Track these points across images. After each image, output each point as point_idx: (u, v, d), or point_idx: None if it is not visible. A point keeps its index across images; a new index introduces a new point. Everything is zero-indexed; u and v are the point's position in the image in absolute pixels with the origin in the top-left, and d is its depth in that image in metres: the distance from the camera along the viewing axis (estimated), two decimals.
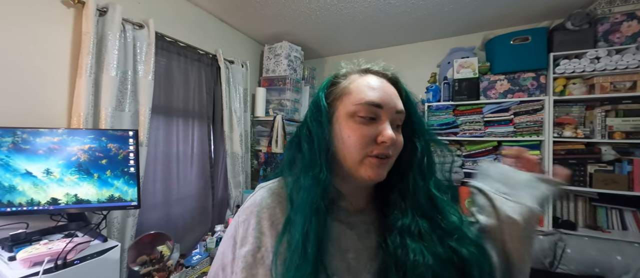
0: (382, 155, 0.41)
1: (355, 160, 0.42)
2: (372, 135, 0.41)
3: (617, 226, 1.70)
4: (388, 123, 0.42)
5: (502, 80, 1.87)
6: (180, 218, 1.80)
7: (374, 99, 0.42)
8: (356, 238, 0.43)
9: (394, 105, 0.43)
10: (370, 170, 0.41)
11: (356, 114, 0.42)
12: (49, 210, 1.08)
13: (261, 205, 0.45)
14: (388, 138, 0.40)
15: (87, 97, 1.22)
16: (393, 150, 0.42)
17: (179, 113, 1.79)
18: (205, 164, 1.99)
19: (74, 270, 0.89)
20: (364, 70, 0.47)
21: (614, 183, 1.60)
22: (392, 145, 0.42)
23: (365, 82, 0.44)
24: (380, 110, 0.42)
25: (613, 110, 1.65)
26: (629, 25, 1.58)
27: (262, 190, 0.47)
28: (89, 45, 1.22)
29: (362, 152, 0.41)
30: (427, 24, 2.09)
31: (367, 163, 0.41)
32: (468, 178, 1.94)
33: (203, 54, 1.93)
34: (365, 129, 0.41)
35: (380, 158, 0.41)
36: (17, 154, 1.02)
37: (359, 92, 0.43)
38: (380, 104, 0.42)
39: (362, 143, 0.41)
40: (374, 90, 0.43)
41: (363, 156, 0.41)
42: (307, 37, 2.35)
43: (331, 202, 0.43)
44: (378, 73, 0.47)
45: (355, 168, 0.42)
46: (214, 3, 1.85)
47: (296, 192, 0.42)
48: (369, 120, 0.42)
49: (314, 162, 0.43)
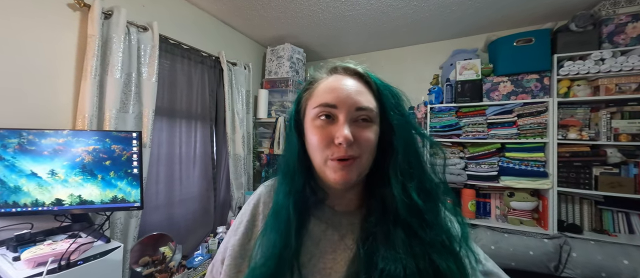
0: (341, 157, 0.39)
1: (319, 163, 0.41)
2: (329, 136, 0.40)
3: (624, 230, 1.67)
4: (346, 122, 0.39)
5: (505, 82, 1.86)
6: (183, 219, 1.80)
7: (327, 100, 0.41)
8: (338, 238, 0.43)
9: (353, 102, 0.40)
10: (333, 173, 0.40)
11: (317, 116, 0.42)
12: (53, 210, 1.09)
13: (259, 199, 0.49)
14: (342, 138, 0.38)
15: (92, 98, 1.23)
16: (358, 149, 0.39)
17: (182, 115, 1.81)
18: (208, 166, 2.00)
19: (77, 270, 0.89)
20: (331, 70, 0.46)
21: (620, 186, 1.57)
22: (353, 144, 0.39)
23: (327, 83, 0.43)
24: (335, 110, 0.40)
25: (618, 112, 1.63)
26: (634, 26, 1.56)
27: (262, 187, 0.52)
28: (94, 47, 1.23)
29: (323, 155, 0.40)
30: (430, 26, 2.09)
31: (329, 166, 0.40)
32: (471, 181, 1.93)
33: (206, 56, 1.94)
34: (322, 131, 0.41)
35: (341, 161, 0.39)
36: (22, 155, 1.03)
37: (318, 95, 0.43)
38: (334, 104, 0.40)
39: (321, 146, 0.40)
40: (331, 90, 0.42)
41: (324, 159, 0.40)
42: (310, 39, 2.36)
43: (318, 202, 0.45)
44: (344, 70, 0.45)
45: (322, 172, 0.42)
46: (217, 6, 1.87)
47: (276, 196, 0.44)
48: (326, 122, 0.41)
49: (288, 168, 0.45)
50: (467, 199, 1.96)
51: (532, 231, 1.73)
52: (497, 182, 1.87)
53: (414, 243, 0.38)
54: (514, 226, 1.81)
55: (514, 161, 1.84)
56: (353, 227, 0.44)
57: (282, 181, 0.45)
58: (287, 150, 0.47)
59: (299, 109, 0.47)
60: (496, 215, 1.98)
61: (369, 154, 0.41)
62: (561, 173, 1.71)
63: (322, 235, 0.43)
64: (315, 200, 0.44)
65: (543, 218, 1.79)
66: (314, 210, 0.45)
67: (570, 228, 1.70)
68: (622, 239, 1.59)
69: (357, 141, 0.39)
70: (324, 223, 0.44)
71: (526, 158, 1.80)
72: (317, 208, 0.45)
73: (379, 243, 0.39)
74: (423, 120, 2.14)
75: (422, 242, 0.38)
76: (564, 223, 1.74)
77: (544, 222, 1.77)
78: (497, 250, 1.67)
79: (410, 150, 0.42)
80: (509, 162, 1.85)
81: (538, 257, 1.59)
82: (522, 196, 1.82)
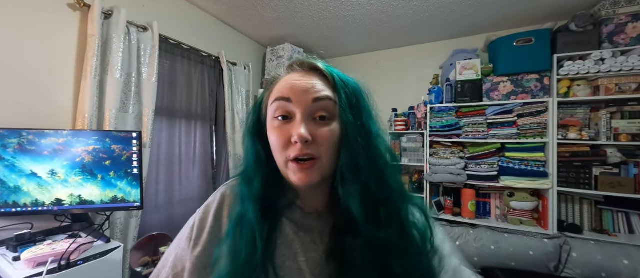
0: (300, 157, 0.37)
1: (281, 165, 0.40)
2: (287, 136, 0.38)
3: (624, 230, 1.67)
4: (303, 120, 0.37)
5: (505, 82, 1.86)
6: (183, 219, 1.79)
7: (281, 95, 0.39)
8: (309, 241, 0.42)
9: (309, 95, 0.38)
10: (293, 175, 0.38)
11: (273, 116, 0.40)
12: (53, 210, 1.09)
13: (222, 201, 0.44)
14: (298, 136, 0.36)
15: (92, 98, 1.23)
16: (316, 149, 0.37)
17: (182, 115, 1.81)
18: (208, 166, 2.00)
19: (77, 270, 0.89)
20: (289, 68, 0.44)
21: (620, 186, 1.57)
22: (311, 143, 0.37)
23: (284, 80, 0.41)
24: (290, 104, 0.38)
25: (618, 112, 1.63)
26: (634, 26, 1.57)
27: (223, 187, 0.46)
28: (94, 47, 1.23)
29: (283, 156, 0.38)
30: (430, 26, 2.09)
31: (290, 168, 0.38)
32: (471, 181, 1.93)
33: (206, 56, 1.94)
34: (280, 131, 0.39)
35: (301, 162, 0.37)
36: (22, 155, 1.03)
37: (274, 92, 0.41)
38: (288, 97, 0.38)
39: (280, 147, 0.38)
40: (286, 86, 0.39)
41: (285, 160, 0.39)
42: (310, 39, 2.36)
43: (288, 204, 0.43)
44: (300, 66, 0.43)
45: (285, 174, 0.40)
46: (217, 6, 1.87)
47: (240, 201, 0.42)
48: (283, 121, 0.39)
49: (248, 171, 0.43)
50: (467, 199, 1.96)
51: (532, 231, 1.73)
52: (497, 182, 1.87)
53: (372, 247, 0.37)
54: (514, 226, 1.81)
55: (514, 161, 1.84)
56: (323, 227, 0.43)
57: (243, 184, 0.42)
58: (245, 153, 0.44)
59: (260, 110, 0.45)
60: (496, 215, 1.99)
61: (331, 153, 0.38)
62: (561, 173, 1.71)
63: (295, 236, 0.42)
64: (286, 202, 0.43)
65: (543, 218, 1.79)
66: (286, 211, 0.43)
67: (570, 228, 1.70)
68: (622, 239, 1.59)
69: (316, 140, 0.37)
70: (296, 225, 0.43)
71: (526, 158, 1.80)
72: (289, 210, 0.43)
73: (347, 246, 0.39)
74: (423, 120, 2.14)
75: (382, 245, 0.37)
76: (564, 223, 1.74)
77: (544, 222, 1.77)
78: (497, 250, 1.67)
79: (355, 149, 0.38)
80: (509, 162, 1.85)
81: (538, 257, 1.59)
82: (522, 196, 1.82)
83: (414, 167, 2.23)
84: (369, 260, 0.37)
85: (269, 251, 0.39)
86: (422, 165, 2.12)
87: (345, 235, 0.39)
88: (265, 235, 0.39)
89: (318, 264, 0.40)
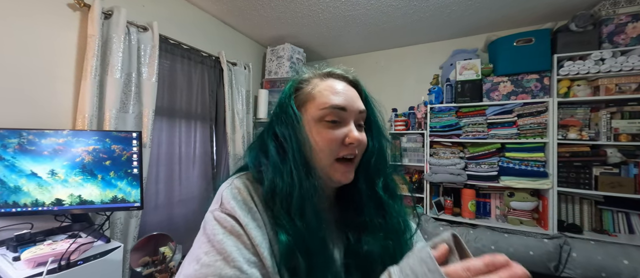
0: (349, 155, 0.43)
1: (325, 164, 0.43)
2: (340, 137, 0.43)
3: (624, 230, 1.67)
4: (353, 124, 0.44)
5: (505, 82, 1.86)
6: (183, 219, 1.80)
7: (339, 103, 0.43)
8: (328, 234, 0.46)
9: (357, 106, 0.45)
10: (340, 174, 0.44)
11: (323, 118, 0.43)
12: (53, 210, 1.09)
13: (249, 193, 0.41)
14: (355, 139, 0.42)
15: (92, 98, 1.23)
16: (359, 149, 0.45)
17: (182, 115, 1.81)
18: (208, 166, 2.00)
19: (77, 270, 0.89)
20: (326, 75, 0.48)
21: (621, 186, 1.57)
22: (359, 145, 0.44)
23: (329, 87, 0.45)
24: (344, 113, 0.44)
25: (618, 112, 1.63)
26: (634, 26, 1.56)
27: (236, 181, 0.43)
28: (94, 47, 1.23)
29: (331, 155, 0.43)
30: (430, 26, 2.09)
31: (336, 167, 0.43)
32: (471, 181, 1.93)
33: (206, 56, 1.94)
34: (332, 133, 0.43)
35: (348, 160, 0.44)
36: (22, 155, 1.03)
37: (324, 96, 0.44)
38: (344, 107, 0.43)
39: (331, 147, 0.43)
40: (338, 93, 0.44)
41: (332, 159, 0.43)
42: (310, 39, 2.36)
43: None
44: (339, 76, 0.48)
45: (327, 172, 0.44)
46: (217, 6, 1.87)
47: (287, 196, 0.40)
48: (335, 124, 0.43)
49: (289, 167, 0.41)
50: (467, 199, 1.96)
51: (532, 231, 1.73)
52: (497, 182, 1.87)
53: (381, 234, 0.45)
54: (514, 226, 1.81)
55: (514, 161, 1.84)
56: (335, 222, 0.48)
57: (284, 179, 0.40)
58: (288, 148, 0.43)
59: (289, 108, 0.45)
60: (496, 215, 1.98)
61: (362, 154, 0.46)
62: (561, 173, 1.71)
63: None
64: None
65: (543, 218, 1.79)
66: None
67: (570, 228, 1.70)
68: (622, 239, 1.59)
69: (360, 143, 0.44)
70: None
71: (526, 158, 1.80)
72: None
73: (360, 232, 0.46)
74: (423, 120, 2.14)
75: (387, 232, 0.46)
76: (564, 223, 1.74)
77: (544, 222, 1.77)
78: (497, 250, 1.67)
79: (381, 150, 0.48)
80: (509, 162, 1.85)
81: (538, 257, 1.59)
82: (522, 196, 1.82)
83: (414, 167, 2.23)
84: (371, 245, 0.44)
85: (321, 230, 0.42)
86: (422, 165, 2.12)
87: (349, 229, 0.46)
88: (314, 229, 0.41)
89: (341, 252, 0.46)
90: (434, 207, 2.06)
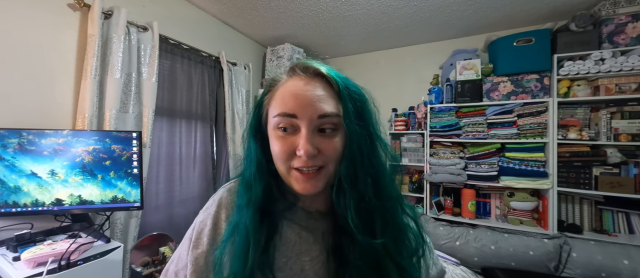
0: (302, 168, 0.38)
1: (283, 173, 0.40)
2: (291, 147, 0.38)
3: (624, 230, 1.67)
4: (307, 133, 0.37)
5: (505, 82, 1.86)
6: (183, 219, 1.80)
7: (287, 109, 0.38)
8: (312, 240, 0.42)
9: (315, 110, 0.38)
10: (296, 184, 0.39)
11: (277, 125, 0.39)
12: (53, 210, 1.09)
13: (220, 204, 0.44)
14: (304, 150, 0.36)
15: (92, 98, 1.23)
16: (322, 159, 0.38)
17: (182, 115, 1.81)
18: (208, 166, 2.00)
19: (77, 270, 0.89)
20: (291, 71, 0.42)
21: (620, 186, 1.57)
22: (316, 155, 0.37)
23: (285, 89, 0.40)
24: (295, 120, 0.38)
25: (618, 112, 1.63)
26: (634, 26, 1.56)
27: (222, 190, 0.47)
28: (94, 47, 1.23)
29: (285, 165, 0.39)
30: (430, 26, 2.09)
31: (293, 176, 0.39)
32: (471, 181, 1.93)
33: (206, 56, 1.94)
34: (283, 142, 0.39)
35: (304, 172, 0.38)
36: (22, 155, 1.03)
37: (276, 101, 0.40)
38: (294, 114, 0.38)
39: (283, 157, 0.39)
40: (291, 96, 0.38)
41: (287, 169, 0.39)
42: (310, 39, 2.36)
43: (288, 206, 0.43)
44: (306, 70, 0.41)
45: (287, 181, 0.40)
46: (217, 6, 1.87)
47: (237, 207, 0.42)
48: (286, 132, 0.39)
49: (246, 177, 0.43)
50: (467, 199, 1.96)
51: (532, 231, 1.73)
52: (497, 182, 1.87)
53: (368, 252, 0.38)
54: (514, 226, 1.81)
55: (514, 161, 1.84)
56: (326, 227, 0.43)
57: (241, 191, 0.42)
58: (246, 158, 0.44)
59: (260, 113, 0.44)
60: (496, 215, 1.99)
61: (337, 162, 0.39)
62: (561, 173, 1.71)
63: (297, 237, 0.42)
64: (286, 204, 0.43)
65: (543, 218, 1.79)
66: (286, 213, 0.43)
67: (570, 228, 1.70)
68: (622, 239, 1.59)
69: (322, 152, 0.38)
70: (298, 225, 0.43)
71: (526, 158, 1.80)
72: (290, 211, 0.43)
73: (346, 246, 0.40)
74: (423, 120, 2.14)
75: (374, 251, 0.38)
76: (564, 223, 1.74)
77: (544, 222, 1.77)
78: (497, 250, 1.67)
79: (358, 160, 0.39)
80: (509, 162, 1.85)
81: (538, 257, 1.59)
82: (522, 196, 1.82)
83: (414, 167, 2.23)
84: (367, 262, 0.38)
85: (268, 255, 0.39)
86: (422, 165, 2.12)
87: (344, 236, 0.40)
88: (263, 241, 0.39)
89: (322, 263, 0.41)
90: (434, 207, 2.06)
